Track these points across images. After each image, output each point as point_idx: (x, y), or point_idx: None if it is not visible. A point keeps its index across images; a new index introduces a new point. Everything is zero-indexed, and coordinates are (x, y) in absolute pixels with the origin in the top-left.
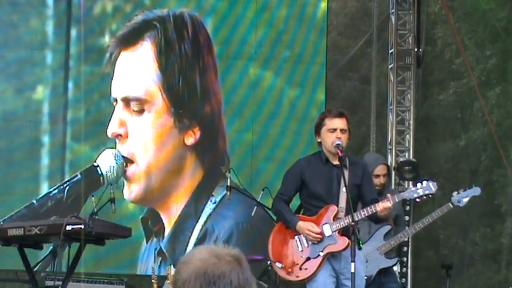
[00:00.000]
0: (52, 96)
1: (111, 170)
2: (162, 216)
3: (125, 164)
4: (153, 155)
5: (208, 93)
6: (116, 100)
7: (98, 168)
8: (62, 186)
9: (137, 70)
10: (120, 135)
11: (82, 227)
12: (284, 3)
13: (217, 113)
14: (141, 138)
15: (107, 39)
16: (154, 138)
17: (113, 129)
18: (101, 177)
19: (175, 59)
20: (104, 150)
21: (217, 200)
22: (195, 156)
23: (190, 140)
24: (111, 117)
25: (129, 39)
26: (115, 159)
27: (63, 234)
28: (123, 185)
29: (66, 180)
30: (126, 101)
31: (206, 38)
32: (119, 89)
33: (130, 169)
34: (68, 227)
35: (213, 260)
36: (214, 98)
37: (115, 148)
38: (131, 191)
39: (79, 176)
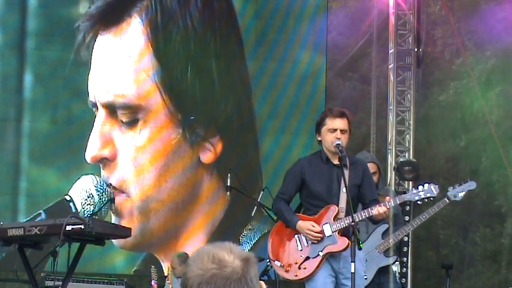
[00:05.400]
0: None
1: (91, 206)
2: (163, 264)
3: (111, 194)
4: (153, 183)
5: (232, 87)
6: (95, 106)
7: (70, 203)
8: None
9: (122, 63)
10: (106, 158)
11: (82, 227)
12: (284, 3)
13: (248, 114)
14: (134, 160)
15: (82, 8)
16: (155, 159)
17: (93, 151)
18: None
19: (179, 39)
20: (80, 177)
21: (247, 248)
22: (216, 179)
23: (208, 156)
24: (91, 132)
25: (109, 16)
26: (97, 190)
27: (63, 234)
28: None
29: (23, 221)
30: (110, 109)
31: (225, 4)
32: (98, 90)
33: (119, 200)
34: (68, 227)
35: (212, 270)
36: (242, 93)
37: (97, 174)
38: None
39: (43, 215)
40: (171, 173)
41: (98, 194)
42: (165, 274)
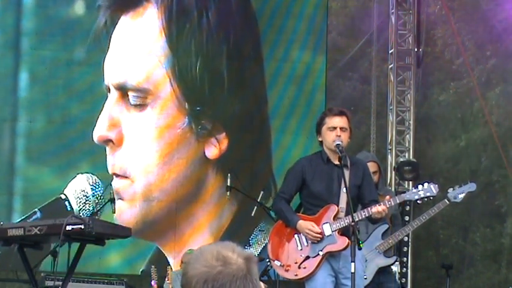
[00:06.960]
0: None
1: (86, 204)
2: (169, 258)
3: (111, 194)
4: (157, 171)
5: (242, 86)
6: (108, 88)
7: (66, 202)
8: None
9: (137, 46)
10: (111, 141)
11: (82, 227)
12: (284, 3)
13: (258, 115)
14: (140, 146)
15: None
16: (160, 146)
17: (101, 130)
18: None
19: (191, 32)
20: (75, 176)
21: (258, 251)
22: (221, 177)
23: (212, 152)
24: (100, 113)
25: None
26: (92, 188)
27: (63, 234)
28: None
29: (17, 220)
30: (122, 91)
31: (243, 5)
32: (112, 71)
33: (121, 184)
34: (68, 227)
35: (218, 268)
36: (253, 93)
37: (93, 173)
38: (120, 216)
39: (38, 213)
40: (176, 163)
41: (93, 193)
42: (173, 270)
